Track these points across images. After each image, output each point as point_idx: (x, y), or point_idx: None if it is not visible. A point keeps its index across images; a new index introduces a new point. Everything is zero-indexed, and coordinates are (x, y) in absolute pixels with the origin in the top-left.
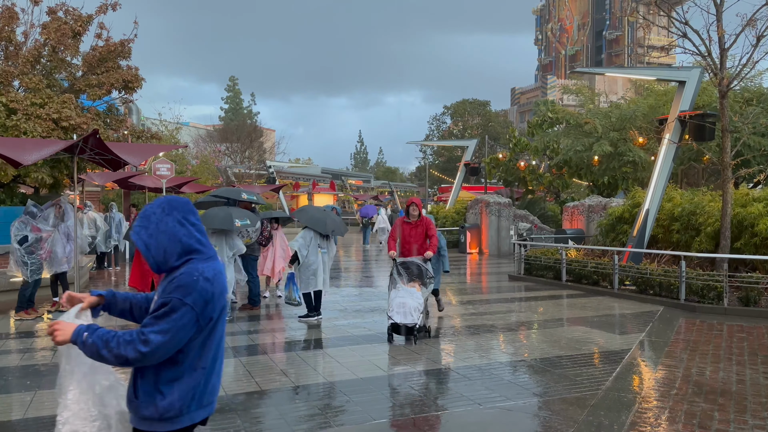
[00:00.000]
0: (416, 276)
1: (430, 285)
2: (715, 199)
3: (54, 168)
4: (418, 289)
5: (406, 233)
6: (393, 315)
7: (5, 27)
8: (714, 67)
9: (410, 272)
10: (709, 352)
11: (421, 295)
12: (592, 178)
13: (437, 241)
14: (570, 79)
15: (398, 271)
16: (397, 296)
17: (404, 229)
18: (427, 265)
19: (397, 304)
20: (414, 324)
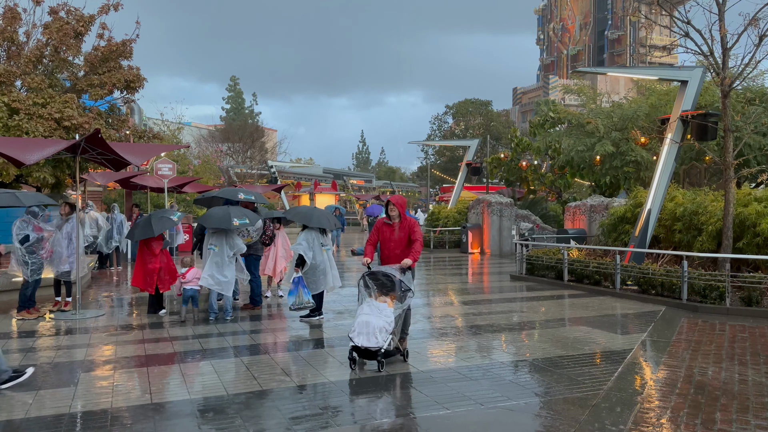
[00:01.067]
0: (388, 288)
1: (407, 299)
2: (717, 199)
3: (56, 168)
4: (390, 305)
5: (385, 237)
6: (353, 336)
7: (7, 27)
8: (716, 67)
9: (380, 284)
10: (711, 352)
11: (391, 313)
12: (594, 178)
13: (421, 247)
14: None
15: (365, 283)
16: (361, 313)
17: (384, 232)
18: (404, 276)
19: (360, 323)
20: (378, 348)
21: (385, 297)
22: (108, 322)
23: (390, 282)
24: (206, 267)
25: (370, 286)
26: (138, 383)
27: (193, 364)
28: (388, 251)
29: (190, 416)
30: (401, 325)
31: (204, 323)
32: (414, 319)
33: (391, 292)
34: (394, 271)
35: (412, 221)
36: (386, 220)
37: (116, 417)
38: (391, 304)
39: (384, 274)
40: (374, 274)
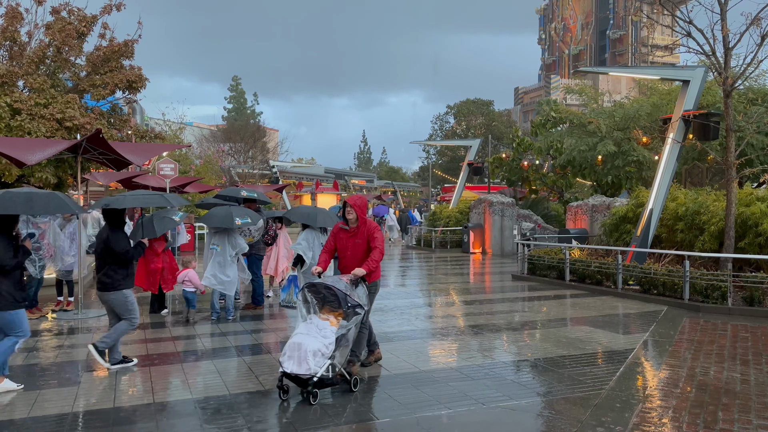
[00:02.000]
0: (332, 304)
1: (355, 316)
2: (719, 199)
3: (58, 168)
4: (334, 323)
5: (342, 245)
6: (283, 360)
7: (9, 27)
8: (718, 67)
9: (322, 299)
10: (713, 352)
11: (332, 333)
12: (596, 178)
13: (381, 255)
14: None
15: (304, 297)
16: (295, 333)
17: (340, 239)
18: (353, 289)
19: (290, 345)
20: (309, 375)
21: (328, 314)
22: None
23: (333, 296)
24: (209, 267)
25: (310, 301)
26: (140, 382)
27: (195, 364)
28: (345, 260)
29: (192, 416)
30: (351, 347)
31: (206, 323)
32: (415, 318)
33: (337, 309)
34: (340, 284)
35: (373, 225)
36: (342, 224)
37: (118, 416)
38: (335, 322)
39: (326, 287)
40: (315, 286)
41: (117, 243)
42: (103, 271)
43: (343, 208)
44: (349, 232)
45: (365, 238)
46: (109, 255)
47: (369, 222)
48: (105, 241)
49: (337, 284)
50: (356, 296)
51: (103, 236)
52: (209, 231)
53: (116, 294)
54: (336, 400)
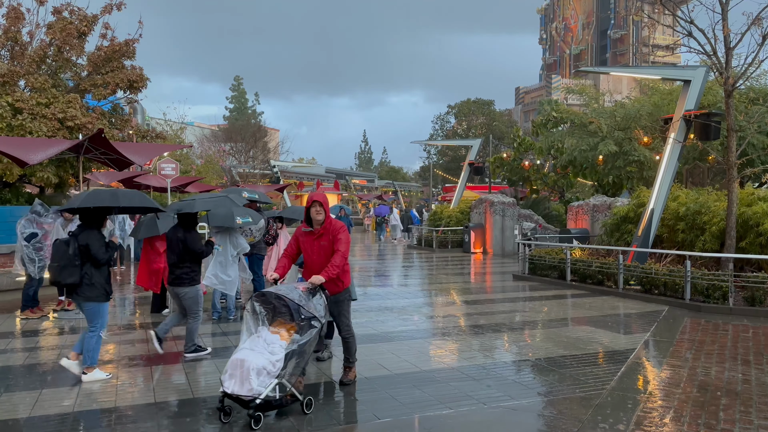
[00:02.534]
0: (284, 316)
1: (311, 330)
2: (720, 199)
3: (59, 167)
4: (285, 338)
5: (306, 248)
6: (224, 379)
7: (11, 27)
8: (719, 66)
9: (272, 310)
10: (714, 352)
11: (281, 349)
12: (597, 178)
13: (342, 260)
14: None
15: (252, 308)
16: (239, 348)
17: (304, 241)
18: (308, 299)
19: (232, 362)
20: (252, 397)
21: (279, 327)
22: (111, 321)
23: (285, 307)
24: (210, 266)
25: (259, 313)
26: (141, 382)
27: (197, 364)
28: (310, 264)
29: (194, 415)
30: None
31: (207, 322)
32: (416, 318)
33: (290, 321)
34: (293, 293)
35: (338, 225)
36: (305, 226)
37: (120, 416)
38: (286, 336)
39: (277, 297)
40: (264, 296)
41: (194, 243)
42: (180, 268)
43: (310, 207)
44: (313, 233)
45: (330, 239)
46: (187, 253)
47: (334, 222)
48: (183, 241)
49: (290, 294)
50: (312, 307)
51: (179, 236)
52: (210, 230)
53: (191, 289)
54: (338, 400)
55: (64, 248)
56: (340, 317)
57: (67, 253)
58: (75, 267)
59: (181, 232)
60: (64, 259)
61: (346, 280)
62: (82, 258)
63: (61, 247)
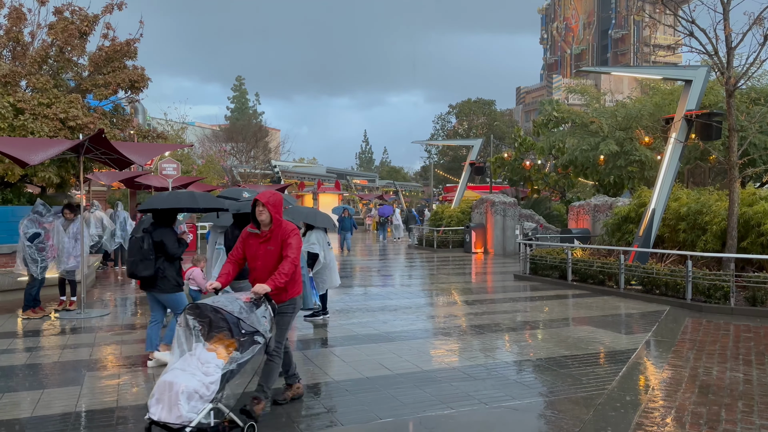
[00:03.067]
0: (222, 330)
1: (253, 346)
2: (721, 199)
3: (61, 167)
4: (222, 355)
5: (252, 252)
6: (151, 404)
7: (13, 27)
8: (721, 66)
9: (209, 324)
10: (715, 352)
11: (217, 368)
12: (598, 178)
13: (292, 267)
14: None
15: (185, 322)
16: (169, 368)
17: (250, 245)
18: (252, 311)
19: (160, 385)
20: (182, 425)
21: (217, 344)
22: (113, 321)
23: (223, 321)
24: (216, 267)
25: (192, 328)
26: (143, 382)
27: None
28: (256, 272)
29: None
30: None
31: None
32: (417, 318)
33: (230, 337)
34: (233, 305)
35: (289, 228)
36: (252, 227)
37: (121, 416)
38: (224, 354)
39: (213, 310)
40: (199, 308)
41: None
42: None
43: (253, 207)
44: (260, 236)
45: (279, 243)
46: None
47: (285, 224)
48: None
49: (229, 306)
50: (254, 321)
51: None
52: (213, 231)
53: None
54: (339, 400)
55: (139, 244)
56: (276, 328)
57: (143, 248)
58: (150, 261)
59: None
60: (139, 254)
61: (292, 290)
62: (157, 253)
63: (137, 243)
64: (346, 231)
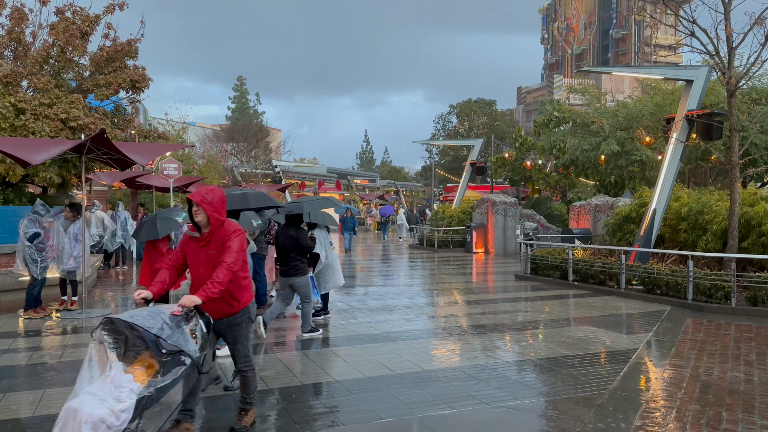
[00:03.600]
0: (140, 350)
1: (177, 368)
2: (722, 199)
3: (62, 168)
4: (140, 378)
5: (193, 258)
6: None
7: (15, 28)
8: (722, 66)
9: (125, 342)
10: (716, 352)
11: (131, 393)
12: (599, 178)
13: (227, 275)
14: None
15: (99, 339)
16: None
17: (190, 248)
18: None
19: (64, 413)
20: None
21: (138, 365)
22: None
23: (140, 339)
24: None
25: (105, 345)
26: None
27: None
28: (196, 278)
29: (196, 414)
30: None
31: None
32: (418, 318)
33: (150, 357)
34: (153, 320)
35: (230, 230)
36: (192, 230)
37: None
38: (143, 377)
39: (129, 326)
40: (113, 324)
41: (304, 239)
42: (293, 260)
43: (189, 207)
44: (199, 240)
45: (219, 247)
46: (298, 248)
47: (228, 225)
48: (295, 238)
49: (149, 321)
50: (179, 339)
51: (291, 234)
52: None
53: (302, 278)
54: (341, 400)
55: None
56: (235, 345)
57: None
58: None
59: (293, 230)
60: None
61: (244, 298)
62: None
63: None
64: (348, 231)
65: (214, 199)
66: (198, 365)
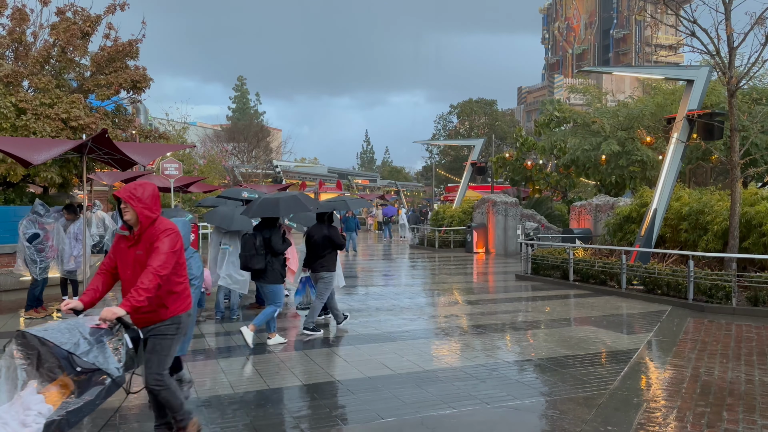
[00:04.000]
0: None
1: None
2: (723, 199)
3: (63, 168)
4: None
5: (122, 260)
6: None
7: (16, 28)
8: (722, 66)
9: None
10: (717, 352)
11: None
12: (600, 178)
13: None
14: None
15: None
16: None
17: (120, 250)
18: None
19: None
20: None
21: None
22: None
23: (52, 356)
24: (224, 267)
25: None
26: None
27: (200, 363)
28: (125, 281)
29: (197, 414)
30: None
31: (210, 322)
32: (419, 318)
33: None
34: (69, 334)
35: (161, 228)
36: (122, 228)
37: (124, 415)
38: (56, 398)
39: (40, 341)
40: (25, 338)
41: (337, 236)
42: (323, 257)
43: (117, 205)
44: (128, 239)
45: (148, 248)
46: (329, 245)
47: (160, 223)
48: (328, 237)
49: (64, 335)
50: (97, 355)
51: (324, 232)
52: (216, 231)
53: (331, 274)
54: (341, 400)
55: (252, 241)
56: (151, 355)
57: (255, 245)
58: (261, 256)
59: (326, 229)
60: (252, 249)
61: (174, 305)
62: (266, 249)
63: (250, 240)
64: (350, 231)
65: (144, 195)
66: (121, 385)
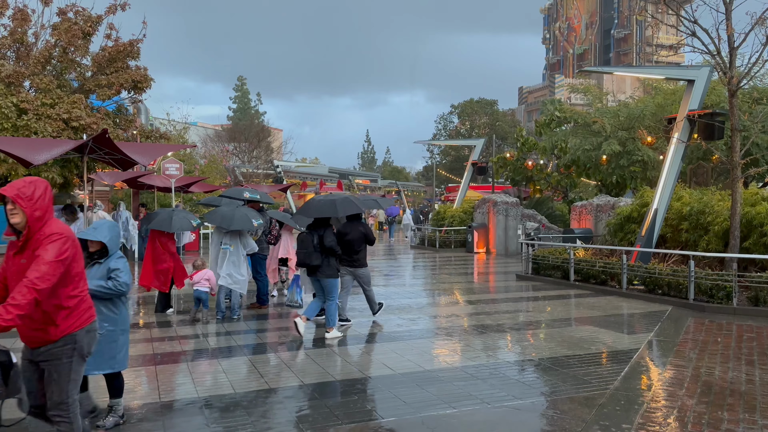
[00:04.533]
0: None
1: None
2: (724, 199)
3: (64, 168)
4: None
5: (6, 267)
6: None
7: (18, 29)
8: (723, 66)
9: None
10: (718, 352)
11: None
12: (601, 178)
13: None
14: (578, 78)
15: None
16: None
17: (7, 256)
18: None
19: None
20: None
21: None
22: None
23: None
24: (224, 266)
25: None
26: (146, 381)
27: (201, 363)
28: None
29: (199, 414)
30: None
31: (211, 322)
32: (419, 318)
33: None
34: None
35: (48, 233)
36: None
37: (125, 415)
38: None
39: None
40: None
41: (371, 233)
42: (358, 253)
43: (4, 206)
44: (17, 245)
45: (31, 256)
46: (366, 241)
47: (48, 227)
48: (364, 234)
49: None
50: None
51: (361, 230)
52: (217, 231)
53: (365, 269)
54: (341, 399)
55: (309, 239)
56: (49, 383)
57: (313, 243)
58: (317, 253)
59: (362, 226)
60: (310, 247)
61: (66, 323)
62: (321, 247)
63: (307, 238)
64: None
65: (34, 195)
66: None
